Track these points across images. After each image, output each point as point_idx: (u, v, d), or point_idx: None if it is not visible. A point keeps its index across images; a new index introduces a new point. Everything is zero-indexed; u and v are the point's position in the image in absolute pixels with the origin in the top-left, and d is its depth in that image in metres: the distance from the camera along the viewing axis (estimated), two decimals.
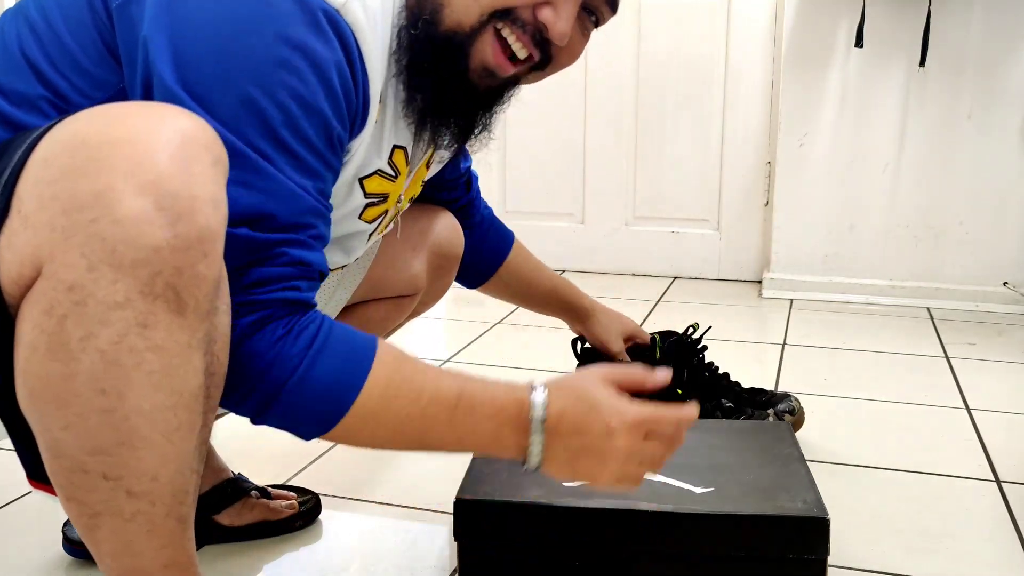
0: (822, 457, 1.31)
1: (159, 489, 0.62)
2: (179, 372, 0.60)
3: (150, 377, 0.59)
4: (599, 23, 0.89)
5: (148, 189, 0.56)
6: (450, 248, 1.15)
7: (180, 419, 0.61)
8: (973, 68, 2.13)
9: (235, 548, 1.06)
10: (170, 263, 0.57)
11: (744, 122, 2.41)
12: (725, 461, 1.00)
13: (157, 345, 0.58)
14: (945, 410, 1.51)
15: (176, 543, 0.66)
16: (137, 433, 0.60)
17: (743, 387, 1.34)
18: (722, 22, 2.38)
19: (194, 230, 0.57)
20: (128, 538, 0.64)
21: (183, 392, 0.60)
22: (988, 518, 1.13)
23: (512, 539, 0.93)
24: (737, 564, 0.90)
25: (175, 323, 0.58)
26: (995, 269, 2.20)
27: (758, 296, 2.34)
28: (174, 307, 0.58)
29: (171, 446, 0.61)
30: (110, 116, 0.60)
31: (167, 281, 0.57)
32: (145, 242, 0.56)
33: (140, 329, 0.57)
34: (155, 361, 0.58)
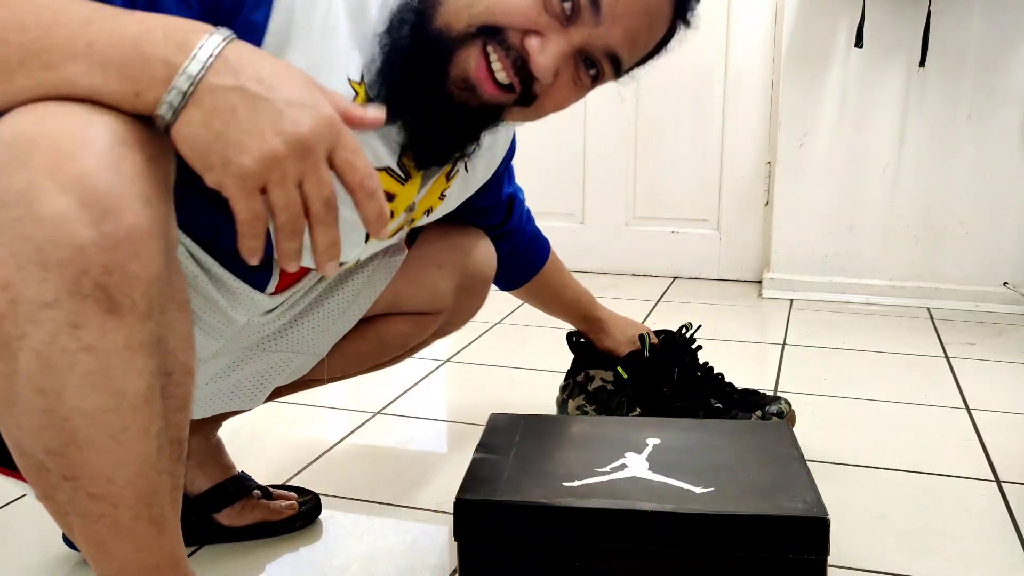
0: (822, 457, 1.31)
1: (118, 492, 0.61)
2: (118, 373, 0.58)
3: (86, 378, 0.57)
4: (599, 79, 0.83)
5: (72, 187, 0.55)
6: (479, 270, 1.12)
7: (126, 421, 0.60)
8: (973, 68, 2.13)
9: (235, 548, 1.06)
10: (97, 262, 0.55)
11: (744, 122, 2.41)
12: (725, 461, 1.00)
13: (90, 345, 0.57)
14: (945, 410, 1.51)
15: (152, 547, 0.65)
16: (80, 434, 0.59)
17: (736, 388, 1.34)
18: (722, 22, 2.38)
19: (121, 228, 0.56)
20: (98, 539, 0.63)
21: (125, 393, 0.59)
22: (988, 518, 1.13)
23: (512, 539, 0.93)
24: (737, 564, 0.90)
25: (109, 323, 0.57)
26: (995, 269, 2.20)
27: (758, 296, 2.34)
28: (106, 307, 0.56)
29: (121, 448, 0.60)
30: (41, 113, 0.58)
31: (95, 281, 0.56)
32: (69, 241, 0.54)
33: (71, 329, 0.56)
34: (90, 362, 0.57)
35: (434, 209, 0.97)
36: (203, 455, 1.08)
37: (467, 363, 1.76)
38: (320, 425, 1.43)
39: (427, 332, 1.11)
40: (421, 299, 1.08)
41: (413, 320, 1.09)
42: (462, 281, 1.10)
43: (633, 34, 0.81)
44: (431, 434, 1.42)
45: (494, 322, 2.03)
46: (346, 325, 1.05)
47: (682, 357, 1.32)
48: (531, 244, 1.25)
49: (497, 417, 1.13)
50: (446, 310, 1.10)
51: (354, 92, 0.78)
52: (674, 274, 2.55)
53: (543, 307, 1.35)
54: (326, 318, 1.02)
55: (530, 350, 1.84)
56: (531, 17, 0.76)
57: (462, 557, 0.94)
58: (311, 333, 1.02)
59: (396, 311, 1.08)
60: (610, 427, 1.11)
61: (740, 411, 1.30)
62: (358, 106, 0.63)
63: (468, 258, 1.10)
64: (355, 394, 1.55)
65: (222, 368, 0.98)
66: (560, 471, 0.98)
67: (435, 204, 0.96)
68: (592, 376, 1.34)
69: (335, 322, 1.03)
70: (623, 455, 1.01)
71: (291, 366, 1.03)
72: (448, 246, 1.09)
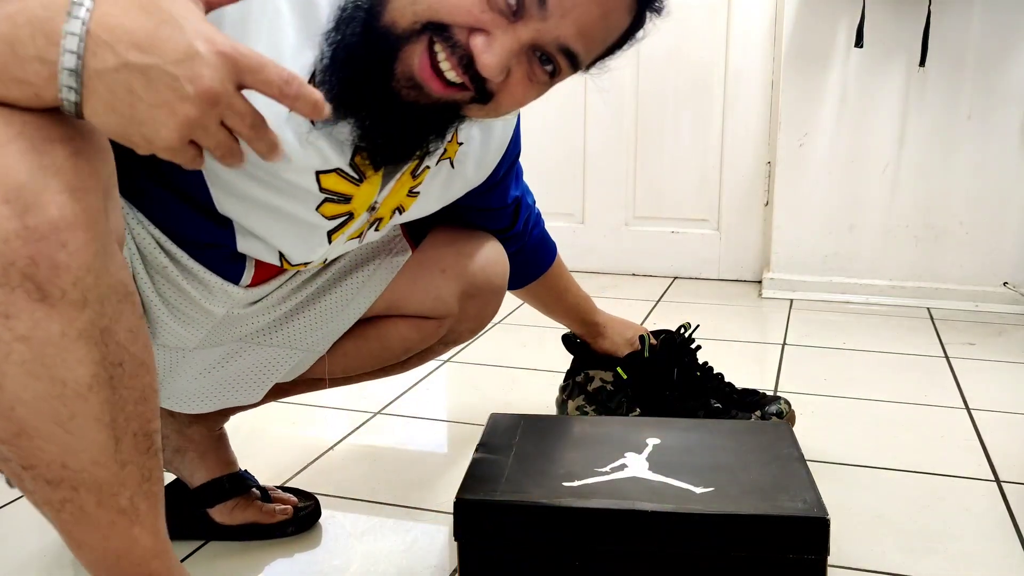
0: (822, 457, 1.31)
1: (74, 476, 0.63)
2: (56, 361, 0.60)
3: (23, 367, 0.59)
4: (557, 75, 0.79)
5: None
6: (487, 278, 1.08)
7: (72, 408, 0.61)
8: (973, 68, 2.13)
9: (235, 548, 1.06)
10: (22, 254, 0.57)
11: (744, 122, 2.41)
12: (725, 461, 1.00)
13: (23, 335, 0.58)
14: (945, 410, 1.51)
15: (122, 536, 0.66)
16: (27, 423, 0.60)
17: (735, 388, 1.35)
18: (722, 22, 2.38)
19: (44, 221, 0.57)
20: (67, 528, 0.65)
21: (66, 381, 0.60)
22: (988, 518, 1.13)
23: (512, 539, 0.93)
24: (737, 564, 0.90)
25: (40, 313, 0.58)
26: (995, 269, 2.20)
27: (758, 296, 2.34)
28: (36, 297, 0.58)
29: (70, 436, 0.61)
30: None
31: (22, 272, 0.57)
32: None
33: (3, 320, 0.58)
34: (25, 351, 0.59)
35: (406, 208, 0.94)
36: (205, 447, 1.08)
37: (467, 363, 1.77)
38: (320, 425, 1.43)
39: (431, 338, 1.09)
40: (423, 303, 1.05)
41: (415, 324, 1.07)
42: (467, 288, 1.07)
43: (586, 27, 0.77)
44: (431, 434, 1.42)
45: (494, 322, 2.03)
46: (345, 323, 1.04)
47: (681, 357, 1.32)
48: (538, 246, 1.24)
49: (497, 417, 1.13)
50: (450, 316, 1.07)
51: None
52: (674, 274, 2.55)
53: (543, 309, 1.35)
54: (323, 314, 1.02)
55: (530, 350, 1.83)
56: (475, 14, 0.73)
57: (462, 557, 0.94)
58: (308, 329, 1.02)
59: (396, 313, 1.06)
60: (610, 427, 1.11)
61: (740, 411, 1.30)
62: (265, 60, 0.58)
63: (475, 265, 1.07)
64: (355, 394, 1.55)
65: (216, 360, 0.98)
66: (560, 471, 0.98)
67: (405, 202, 0.93)
68: (592, 376, 1.34)
69: (332, 319, 1.03)
70: (623, 455, 1.01)
71: (289, 362, 1.03)
72: (454, 251, 1.07)
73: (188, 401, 1.00)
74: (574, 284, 1.32)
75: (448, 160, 0.94)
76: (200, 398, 1.00)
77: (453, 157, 0.94)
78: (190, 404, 1.00)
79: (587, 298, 1.34)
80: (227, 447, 1.10)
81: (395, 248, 1.04)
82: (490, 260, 1.09)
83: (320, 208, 0.85)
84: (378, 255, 1.03)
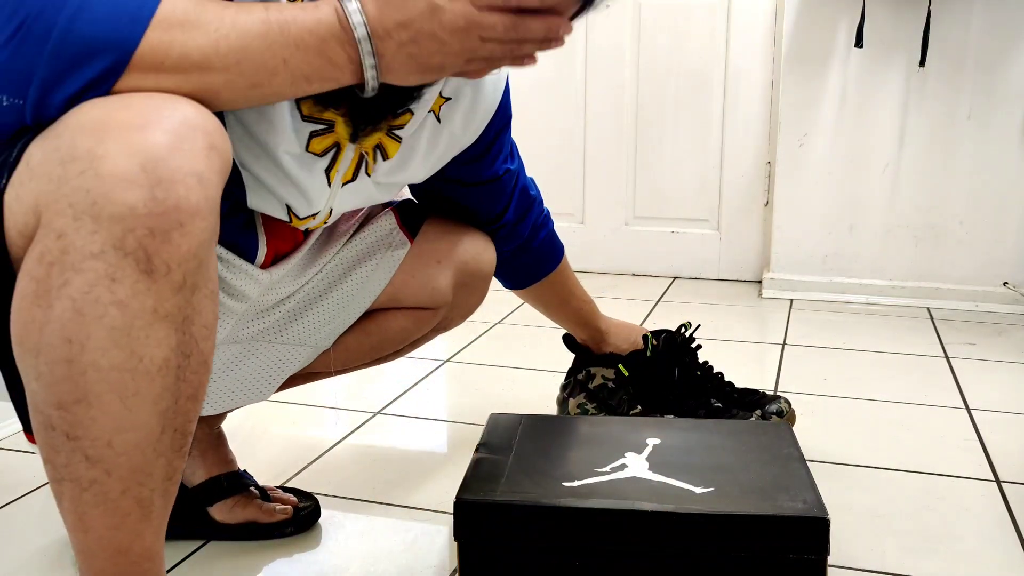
0: (822, 457, 1.31)
1: (115, 458, 0.63)
2: (140, 335, 0.61)
3: (111, 333, 0.60)
4: None
5: (136, 153, 0.60)
6: (479, 267, 1.12)
7: (139, 385, 0.62)
8: (973, 68, 2.13)
9: (235, 548, 1.06)
10: (144, 223, 0.59)
11: (744, 122, 2.41)
12: (725, 461, 1.00)
13: (120, 301, 0.60)
14: (945, 410, 1.51)
15: (131, 528, 0.66)
16: (92, 390, 0.61)
17: (735, 387, 1.35)
18: (722, 22, 2.38)
19: (171, 197, 0.60)
20: (83, 510, 0.65)
21: (143, 357, 0.62)
22: (988, 518, 1.13)
23: (512, 539, 0.93)
24: (737, 564, 0.90)
25: (142, 283, 0.60)
26: (995, 269, 2.20)
27: (758, 296, 2.35)
28: (143, 267, 0.60)
29: (127, 412, 0.62)
30: (125, 97, 0.64)
31: (139, 240, 0.60)
32: (122, 198, 0.59)
33: (108, 282, 0.60)
34: (117, 316, 0.60)
35: (390, 152, 0.93)
36: (204, 445, 1.08)
37: (467, 363, 1.77)
38: (320, 425, 1.43)
39: (427, 327, 1.12)
40: (421, 294, 1.08)
41: (413, 315, 1.10)
42: (461, 278, 1.10)
43: None
44: (431, 434, 1.42)
45: (494, 322, 2.03)
46: (350, 318, 1.07)
47: (682, 356, 1.33)
48: (543, 247, 1.24)
49: (497, 417, 1.13)
50: (445, 306, 1.11)
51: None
52: (674, 274, 2.55)
53: (546, 311, 1.35)
54: (330, 311, 1.04)
55: (530, 350, 1.84)
56: None
57: (462, 557, 0.94)
58: (316, 325, 1.03)
59: (396, 306, 1.09)
60: (610, 427, 1.11)
61: (740, 410, 1.30)
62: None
63: (467, 255, 1.11)
64: (355, 394, 1.55)
65: (229, 360, 0.99)
66: (560, 471, 0.98)
67: (387, 143, 0.92)
68: (593, 374, 1.34)
69: (339, 314, 1.05)
70: (623, 455, 1.01)
71: (299, 359, 1.05)
72: (448, 243, 1.10)
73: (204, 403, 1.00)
74: (579, 288, 1.32)
75: (432, 113, 0.94)
76: (214, 399, 1.01)
77: (437, 111, 0.94)
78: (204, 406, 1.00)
79: (591, 302, 1.34)
80: (225, 446, 1.11)
81: (394, 242, 1.06)
82: (480, 250, 1.13)
83: (310, 146, 0.85)
84: (378, 250, 1.05)
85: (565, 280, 1.30)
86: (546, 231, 1.24)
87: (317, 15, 0.69)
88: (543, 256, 1.25)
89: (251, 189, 0.86)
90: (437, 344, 1.89)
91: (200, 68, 0.66)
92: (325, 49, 0.69)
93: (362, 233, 1.05)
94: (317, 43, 0.69)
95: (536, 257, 1.24)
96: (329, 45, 0.69)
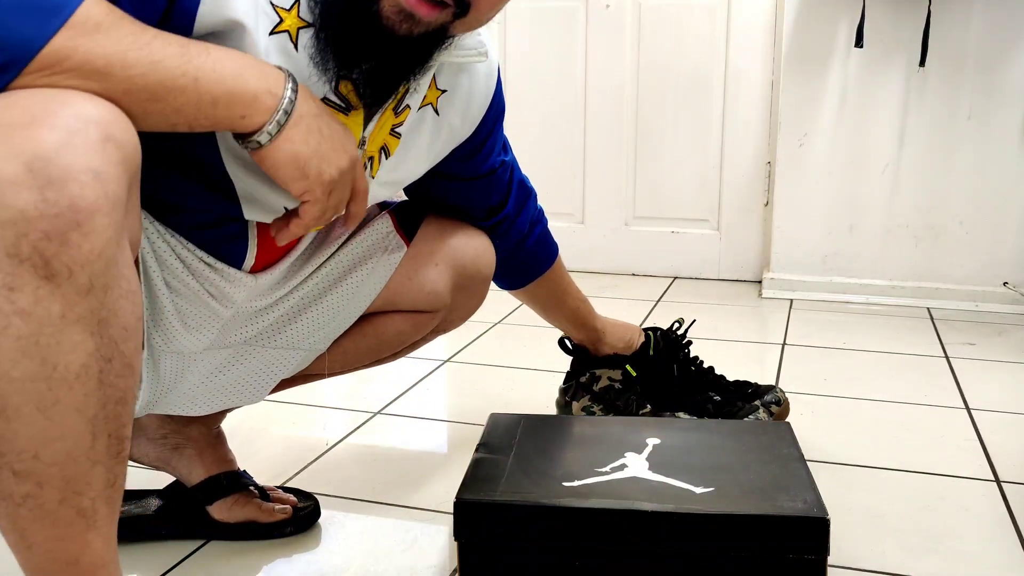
0: (822, 457, 1.31)
1: (44, 470, 0.61)
2: (51, 342, 0.59)
3: (17, 343, 0.58)
4: None
5: (21, 154, 0.57)
6: (477, 270, 1.11)
7: (57, 395, 0.60)
8: (973, 68, 2.13)
9: (234, 548, 1.06)
10: (37, 227, 0.57)
11: (744, 122, 2.41)
12: (725, 461, 1.00)
13: (23, 310, 0.58)
14: (945, 410, 1.51)
15: (77, 538, 0.64)
16: (8, 403, 0.59)
17: (728, 380, 1.35)
18: (722, 22, 2.38)
19: (64, 197, 0.57)
20: (22, 525, 0.63)
21: (57, 365, 0.60)
22: (988, 518, 1.13)
23: (512, 539, 0.93)
24: (737, 564, 0.90)
25: (44, 290, 0.58)
26: (995, 269, 2.20)
27: (758, 296, 2.35)
28: (43, 274, 0.58)
29: (50, 423, 0.60)
30: (13, 94, 0.61)
31: (34, 245, 0.57)
32: (11, 203, 0.56)
33: (7, 292, 0.57)
34: (22, 326, 0.58)
35: (392, 150, 0.94)
36: (203, 444, 1.08)
37: (467, 363, 1.77)
38: (320, 425, 1.43)
39: (425, 330, 1.11)
40: (419, 298, 1.07)
41: (411, 318, 1.08)
42: (460, 280, 1.09)
43: None
44: (431, 434, 1.42)
45: (494, 322, 2.03)
46: (346, 322, 1.05)
47: (678, 353, 1.33)
48: (539, 245, 1.24)
49: (497, 417, 1.13)
50: (444, 309, 1.09)
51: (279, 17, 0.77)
52: (674, 274, 2.55)
53: (542, 312, 1.34)
54: (325, 314, 1.02)
55: (530, 350, 1.84)
56: None
57: (462, 557, 0.94)
58: (310, 329, 1.02)
59: (393, 308, 1.07)
60: (610, 427, 1.11)
61: (741, 402, 1.31)
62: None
63: (466, 257, 1.10)
64: (355, 394, 1.55)
65: (221, 363, 0.98)
66: (560, 471, 0.98)
67: (390, 143, 0.93)
68: (598, 376, 1.34)
69: (334, 318, 1.03)
70: (623, 455, 1.01)
71: (293, 362, 1.04)
72: (446, 245, 1.08)
73: (193, 405, 1.00)
74: (574, 287, 1.32)
75: (430, 106, 0.94)
76: (205, 401, 1.00)
77: (435, 103, 0.94)
78: (195, 407, 1.00)
79: (586, 301, 1.33)
80: (224, 445, 1.10)
81: (390, 246, 1.05)
82: (479, 251, 1.11)
83: None
84: (374, 254, 1.04)
85: (560, 278, 1.29)
86: (541, 227, 1.24)
87: (254, 63, 0.72)
88: (540, 253, 1.25)
89: (247, 203, 0.85)
90: (437, 344, 1.89)
91: (101, 74, 0.63)
92: (244, 73, 0.70)
93: (358, 236, 1.04)
94: (237, 67, 0.70)
95: (533, 254, 1.24)
96: (249, 71, 0.70)
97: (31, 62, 0.62)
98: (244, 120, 0.70)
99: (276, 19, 0.77)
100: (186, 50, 0.67)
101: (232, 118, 0.70)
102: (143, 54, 0.65)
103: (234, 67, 0.70)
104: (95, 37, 0.63)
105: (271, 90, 0.71)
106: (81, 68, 0.63)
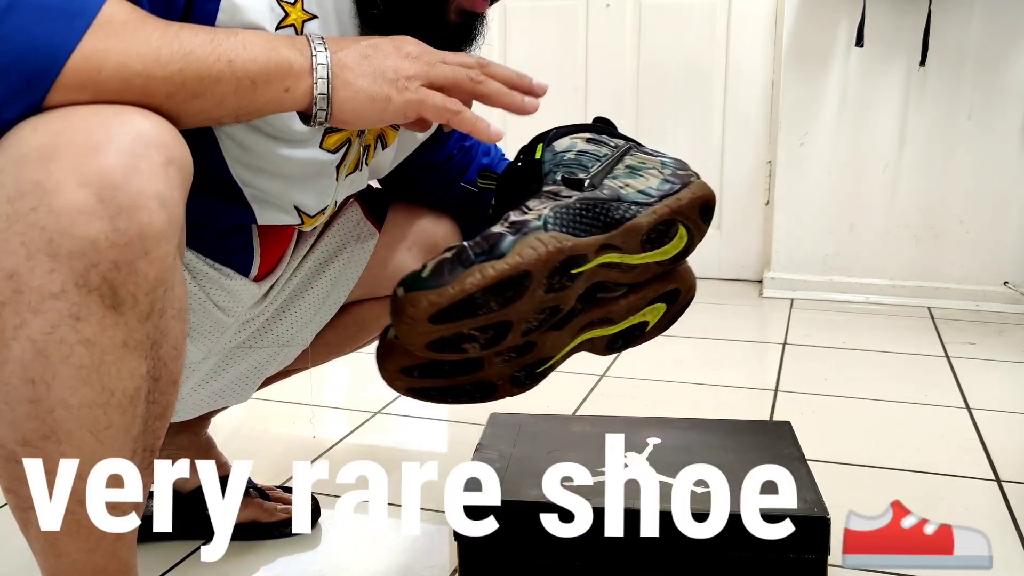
0: (822, 457, 1.31)
1: (87, 488, 0.62)
2: (111, 370, 0.59)
3: (79, 371, 0.58)
4: None
5: (90, 181, 0.56)
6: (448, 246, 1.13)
7: (111, 419, 0.60)
8: (973, 68, 2.13)
9: (235, 548, 1.06)
10: (107, 257, 0.56)
11: (744, 122, 2.41)
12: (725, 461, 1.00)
13: (88, 339, 0.58)
14: (945, 410, 1.51)
15: (107, 549, 0.65)
16: (62, 427, 0.59)
17: None
18: (722, 22, 2.38)
19: (134, 226, 0.57)
20: (55, 536, 0.64)
21: (114, 391, 0.60)
22: (988, 518, 1.13)
23: (512, 539, 0.93)
24: (737, 564, 0.90)
25: (109, 319, 0.58)
26: (995, 269, 2.20)
27: (758, 296, 2.34)
28: (109, 303, 0.58)
29: (100, 445, 0.61)
30: (66, 112, 0.60)
31: (103, 275, 0.57)
32: (81, 233, 0.56)
33: (73, 321, 0.57)
34: (85, 355, 0.58)
35: (389, 140, 0.94)
36: (194, 452, 1.08)
37: None
38: (320, 425, 1.43)
39: None
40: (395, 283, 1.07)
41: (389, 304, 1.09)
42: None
43: None
44: (431, 434, 1.41)
45: None
46: (329, 313, 1.06)
47: None
48: None
49: (497, 417, 1.13)
50: None
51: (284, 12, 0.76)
52: None
53: None
54: (309, 309, 1.03)
55: None
56: None
57: (462, 557, 0.94)
58: (296, 325, 1.03)
59: (372, 296, 1.08)
60: (611, 427, 1.11)
61: None
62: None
63: (436, 237, 1.10)
64: (355, 394, 1.55)
65: (208, 372, 0.98)
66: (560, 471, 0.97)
67: (388, 131, 0.93)
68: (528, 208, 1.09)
69: (318, 312, 1.04)
70: (624, 455, 1.01)
71: (278, 360, 1.04)
72: (416, 229, 1.09)
73: (182, 412, 1.00)
74: None
75: None
76: (194, 406, 1.00)
77: None
78: (183, 414, 1.01)
79: None
80: (215, 448, 1.11)
81: (363, 234, 1.05)
82: (448, 233, 1.11)
83: (324, 143, 0.85)
84: (348, 243, 1.04)
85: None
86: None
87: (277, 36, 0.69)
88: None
89: (259, 206, 0.85)
90: None
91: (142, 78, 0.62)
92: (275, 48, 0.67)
93: (332, 228, 1.03)
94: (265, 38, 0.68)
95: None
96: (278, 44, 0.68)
97: (63, 70, 0.60)
98: (289, 93, 0.68)
99: (282, 14, 0.78)
100: (214, 35, 0.66)
101: (277, 97, 0.67)
102: (175, 48, 0.63)
103: (262, 42, 0.67)
104: (124, 37, 0.62)
105: (301, 51, 0.68)
106: (119, 74, 0.61)
